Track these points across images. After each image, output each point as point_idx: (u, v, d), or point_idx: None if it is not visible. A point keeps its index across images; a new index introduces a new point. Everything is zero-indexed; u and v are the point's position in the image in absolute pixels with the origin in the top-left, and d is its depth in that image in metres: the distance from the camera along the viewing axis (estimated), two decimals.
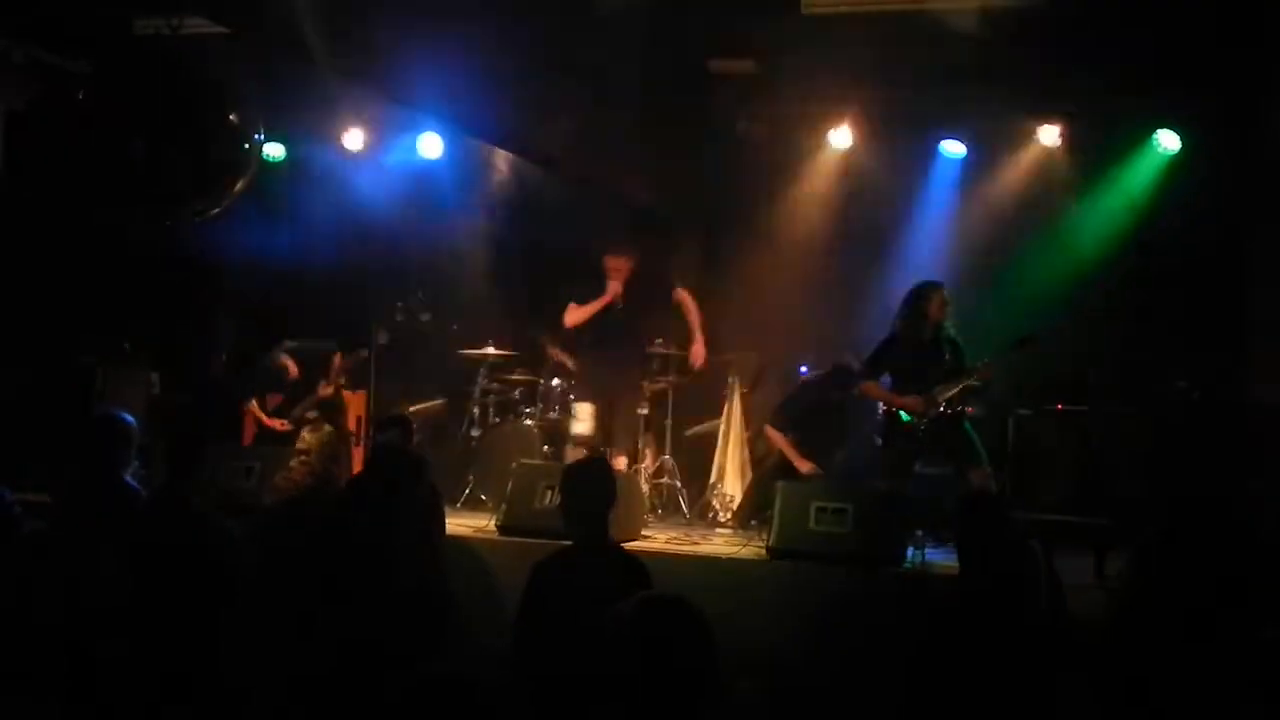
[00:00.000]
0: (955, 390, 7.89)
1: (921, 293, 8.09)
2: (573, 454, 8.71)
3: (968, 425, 8.04)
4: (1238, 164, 9.63)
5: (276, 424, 9.93)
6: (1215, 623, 4.28)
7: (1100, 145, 10.19)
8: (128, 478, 5.90)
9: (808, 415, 9.37)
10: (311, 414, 9.79)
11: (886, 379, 8.22)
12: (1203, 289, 9.68)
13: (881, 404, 8.34)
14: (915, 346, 8.04)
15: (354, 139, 10.86)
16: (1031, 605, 4.85)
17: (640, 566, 5.05)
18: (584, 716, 2.42)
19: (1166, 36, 8.93)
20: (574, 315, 9.02)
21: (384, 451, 5.89)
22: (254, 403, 10.05)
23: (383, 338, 9.85)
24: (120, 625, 5.02)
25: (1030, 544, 5.04)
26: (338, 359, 10.17)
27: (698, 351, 9.20)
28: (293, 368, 10.18)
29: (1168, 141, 9.91)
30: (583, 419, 8.86)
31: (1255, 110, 9.41)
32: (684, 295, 9.18)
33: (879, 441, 9.16)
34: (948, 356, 7.99)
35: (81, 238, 9.97)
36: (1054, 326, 8.21)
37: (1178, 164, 9.92)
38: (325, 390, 10.02)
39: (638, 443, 9.07)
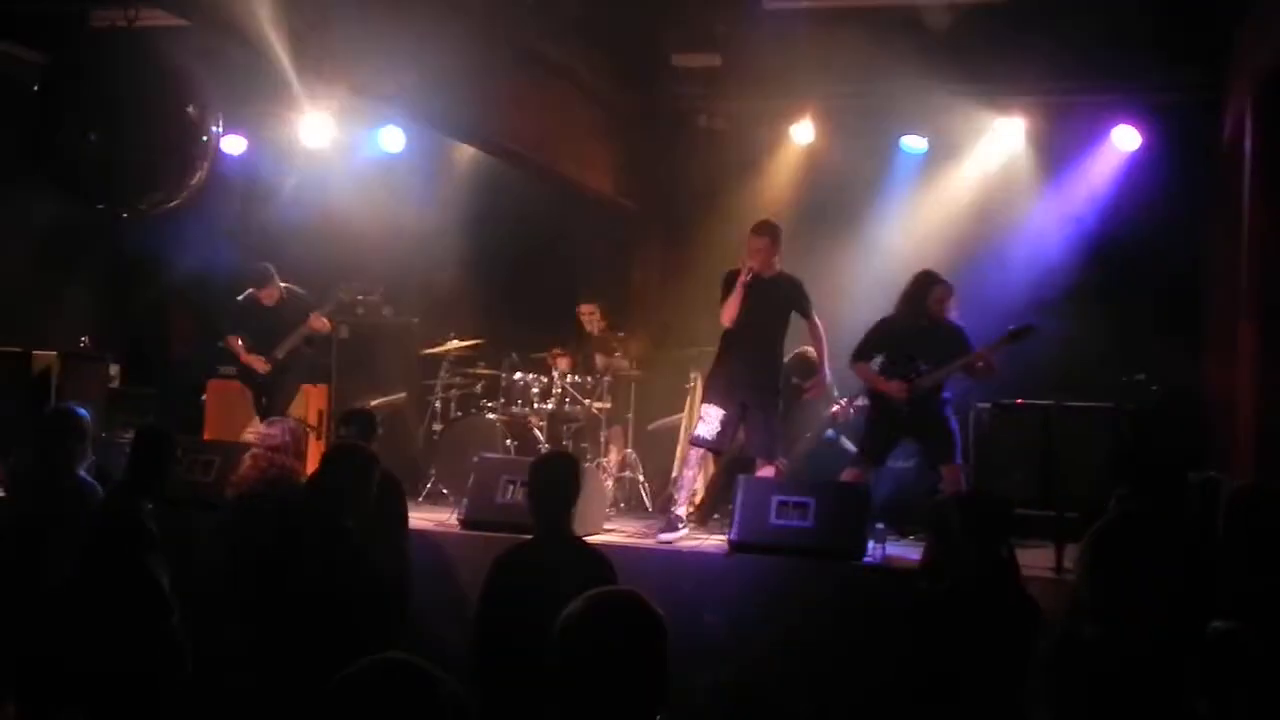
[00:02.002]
0: (940, 376, 7.90)
1: (921, 282, 8.12)
2: (692, 453, 8.35)
3: (951, 419, 8.03)
4: (1194, 160, 9.71)
5: (257, 361, 9.65)
6: (1164, 615, 4.32)
7: (1061, 141, 10.25)
8: (81, 472, 5.85)
9: None
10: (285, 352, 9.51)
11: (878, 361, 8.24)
12: (1163, 283, 9.76)
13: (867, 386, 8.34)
14: (909, 332, 8.06)
15: (315, 132, 10.79)
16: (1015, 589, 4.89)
17: (603, 560, 5.05)
18: (539, 711, 2.41)
19: (1126, 34, 9.01)
20: (727, 311, 8.16)
21: (337, 448, 5.86)
22: (237, 340, 9.72)
23: (344, 332, 9.79)
24: (64, 621, 5.00)
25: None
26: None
27: (817, 384, 8.65)
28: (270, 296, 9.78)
29: (1127, 138, 9.98)
30: (710, 421, 8.13)
31: (1212, 107, 9.49)
32: (816, 322, 8.47)
33: (832, 434, 9.19)
34: (941, 345, 7.97)
35: (37, 230, 9.89)
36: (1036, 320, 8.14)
37: (1137, 160, 10.00)
38: (318, 322, 9.66)
39: (777, 447, 8.33)
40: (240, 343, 9.69)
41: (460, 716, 2.21)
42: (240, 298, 9.83)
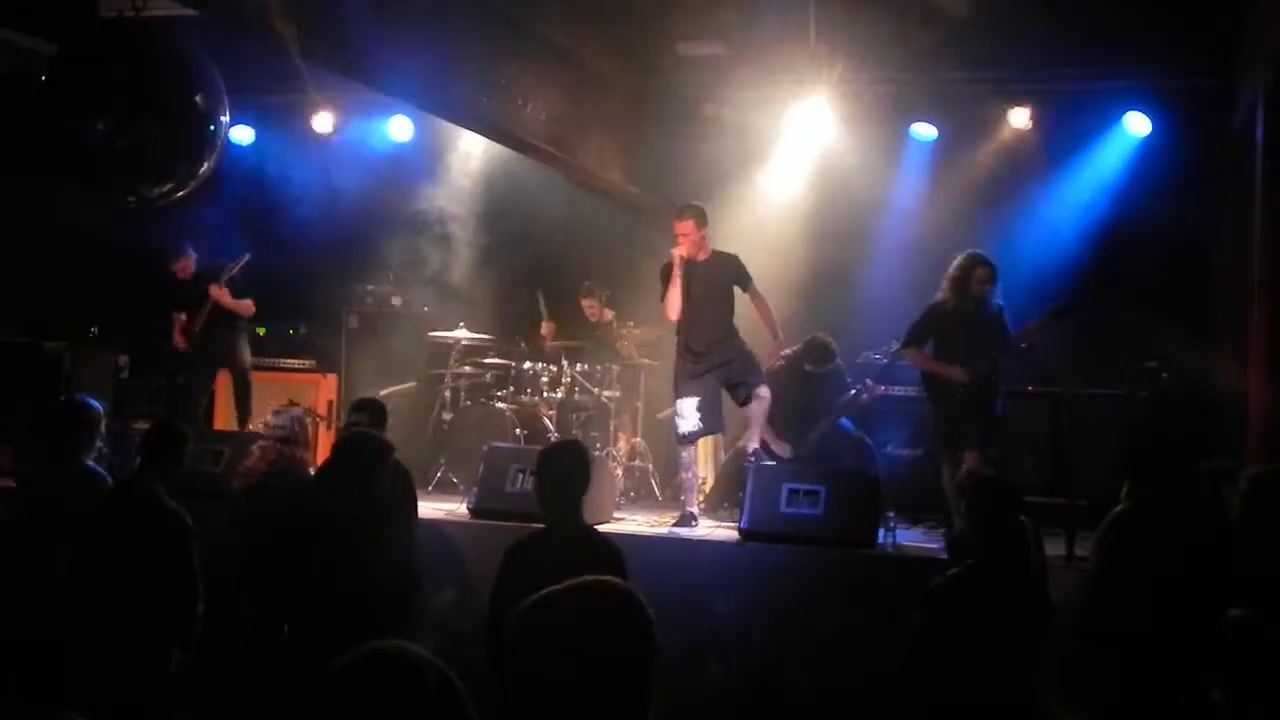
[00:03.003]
0: (996, 357, 7.90)
1: (963, 265, 8.10)
2: (685, 454, 8.27)
3: (996, 407, 8.00)
4: (1205, 147, 9.68)
5: (180, 341, 9.66)
6: (1179, 603, 4.31)
7: (1070, 127, 10.22)
8: (90, 463, 5.85)
9: (780, 395, 9.33)
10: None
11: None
12: (1174, 270, 9.72)
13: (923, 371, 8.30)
14: (957, 317, 8.05)
15: (323, 122, 10.80)
16: (1023, 579, 4.87)
17: (614, 548, 5.04)
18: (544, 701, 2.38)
19: (1136, 20, 8.97)
20: (669, 303, 8.19)
21: (350, 436, 5.86)
22: (181, 316, 9.74)
23: (353, 321, 9.78)
24: (74, 613, 4.99)
25: (1023, 519, 5.07)
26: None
27: (773, 350, 8.59)
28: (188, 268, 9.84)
29: (1137, 124, 9.95)
30: (688, 415, 8.09)
31: (1223, 94, 9.45)
32: (758, 293, 8.46)
33: (846, 422, 9.16)
34: (990, 327, 7.97)
35: (47, 221, 9.90)
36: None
37: (1147, 147, 9.96)
38: (216, 292, 9.59)
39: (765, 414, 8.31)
40: (183, 320, 9.74)
41: (451, 704, 2.20)
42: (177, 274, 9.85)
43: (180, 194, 7.13)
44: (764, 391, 8.20)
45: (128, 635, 5.15)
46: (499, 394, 10.02)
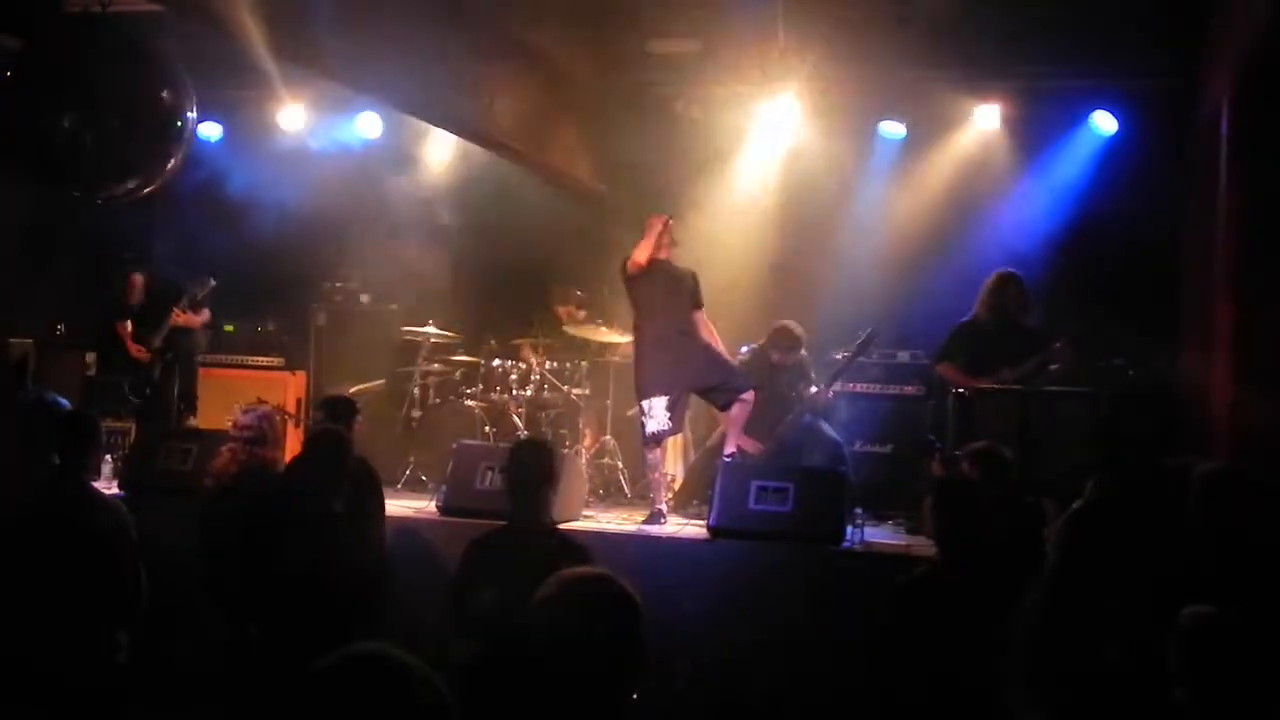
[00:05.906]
0: (1025, 371, 8.07)
1: (999, 281, 8.25)
2: (652, 455, 8.27)
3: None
4: (1171, 145, 9.74)
5: (137, 351, 9.60)
6: (1139, 597, 4.35)
7: (1038, 126, 10.27)
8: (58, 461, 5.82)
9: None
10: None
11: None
12: (1140, 268, 9.78)
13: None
14: (990, 332, 8.17)
15: (292, 118, 10.75)
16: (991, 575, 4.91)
17: (579, 546, 5.05)
18: (512, 694, 2.41)
19: (1103, 18, 9.03)
20: (639, 251, 8.23)
21: (316, 434, 5.86)
22: (126, 324, 9.69)
23: (322, 318, 9.73)
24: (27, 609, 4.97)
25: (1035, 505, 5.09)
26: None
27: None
28: (136, 291, 9.81)
29: (1104, 123, 10.01)
30: (657, 414, 8.07)
31: (1189, 92, 9.51)
32: (703, 318, 8.57)
33: (810, 418, 9.17)
34: (1020, 342, 8.15)
35: (11, 217, 9.83)
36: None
37: (1114, 145, 10.02)
38: (179, 317, 9.64)
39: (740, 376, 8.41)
40: (129, 329, 9.68)
41: (435, 706, 2.20)
42: (126, 285, 9.80)
43: (147, 190, 7.11)
44: (748, 395, 8.24)
45: (74, 628, 5.14)
46: (468, 391, 10.00)
